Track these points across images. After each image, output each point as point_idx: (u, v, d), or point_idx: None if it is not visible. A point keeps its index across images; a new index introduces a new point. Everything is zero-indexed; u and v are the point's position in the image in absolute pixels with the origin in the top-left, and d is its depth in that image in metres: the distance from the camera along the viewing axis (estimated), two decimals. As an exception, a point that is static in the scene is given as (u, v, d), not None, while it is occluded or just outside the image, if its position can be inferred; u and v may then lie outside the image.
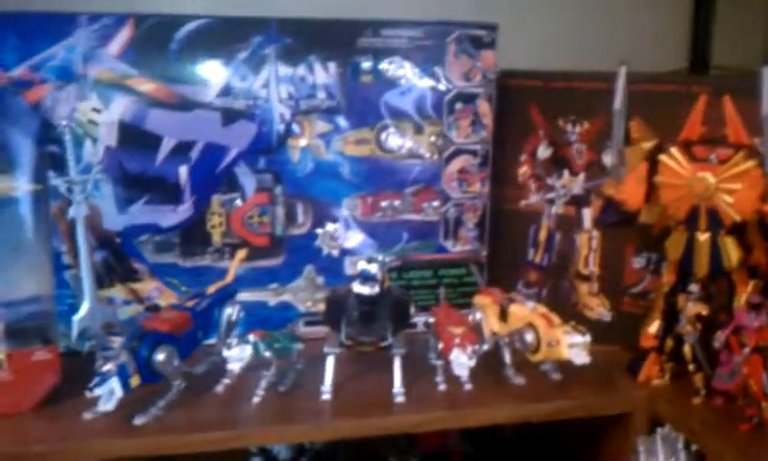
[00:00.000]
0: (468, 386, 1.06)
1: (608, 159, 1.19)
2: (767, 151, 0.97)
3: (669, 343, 1.10)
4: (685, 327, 1.07)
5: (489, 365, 1.10)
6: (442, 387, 1.08)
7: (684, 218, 1.04)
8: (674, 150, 1.04)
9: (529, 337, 1.07)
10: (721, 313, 1.05)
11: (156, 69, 1.14)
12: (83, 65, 1.12)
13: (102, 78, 1.13)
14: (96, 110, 1.13)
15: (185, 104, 1.16)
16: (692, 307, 1.06)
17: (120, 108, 1.14)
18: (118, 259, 1.18)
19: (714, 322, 1.05)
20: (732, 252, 1.03)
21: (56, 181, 1.08)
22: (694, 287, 1.06)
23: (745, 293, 1.03)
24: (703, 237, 1.04)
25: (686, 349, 1.07)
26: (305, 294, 1.25)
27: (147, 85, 1.14)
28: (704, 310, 1.06)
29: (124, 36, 1.12)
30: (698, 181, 1.02)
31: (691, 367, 1.07)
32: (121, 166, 1.15)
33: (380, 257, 1.07)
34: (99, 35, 1.12)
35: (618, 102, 1.06)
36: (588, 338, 1.04)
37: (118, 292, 1.19)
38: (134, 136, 1.15)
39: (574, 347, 1.03)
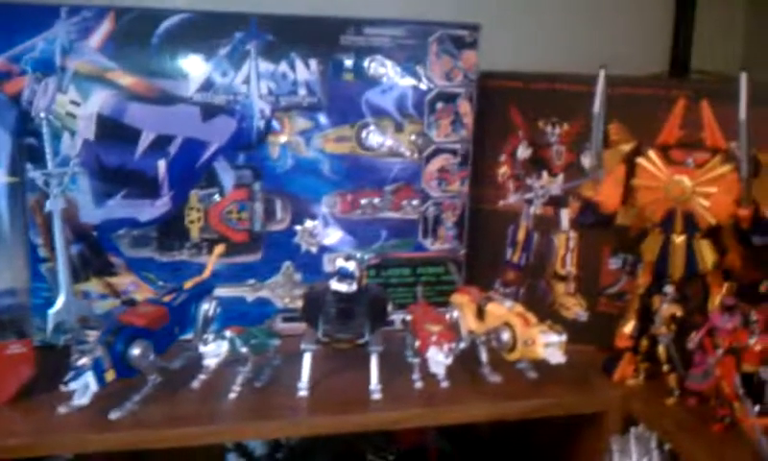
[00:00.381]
0: (444, 384, 1.07)
1: (586, 161, 1.20)
2: (743, 155, 0.98)
3: (644, 343, 1.11)
4: (660, 328, 1.08)
5: (465, 363, 1.10)
6: (418, 384, 1.08)
7: (661, 220, 1.05)
8: (651, 153, 1.05)
9: (505, 336, 1.07)
10: (696, 315, 1.06)
11: (137, 63, 1.14)
12: (62, 58, 1.11)
13: (81, 70, 1.12)
14: (75, 103, 1.12)
15: (165, 98, 1.15)
16: (667, 309, 1.07)
17: (99, 101, 1.13)
18: (95, 253, 1.17)
19: (689, 323, 1.06)
20: (707, 254, 1.04)
21: (33, 173, 1.08)
22: (669, 289, 1.07)
23: (719, 295, 1.04)
24: (678, 240, 1.05)
25: (661, 349, 1.08)
26: (283, 290, 1.25)
27: (127, 79, 1.13)
28: (678, 311, 1.07)
29: (104, 28, 1.12)
30: (675, 185, 1.03)
31: (665, 367, 1.08)
32: (99, 160, 1.15)
33: (358, 255, 1.08)
34: (79, 27, 1.11)
35: (597, 105, 1.06)
36: (563, 337, 1.05)
37: (94, 286, 1.18)
38: (113, 130, 1.14)
39: (550, 346, 1.04)
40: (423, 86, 1.25)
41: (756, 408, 0.94)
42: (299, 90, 1.20)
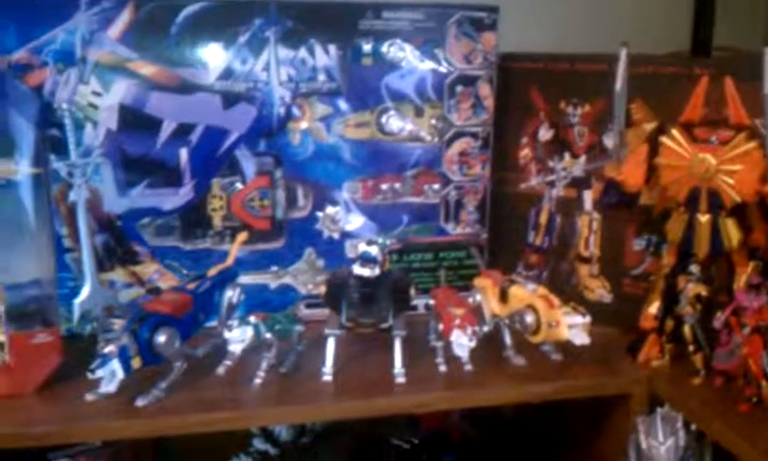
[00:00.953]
0: (468, 367, 1.07)
1: (609, 142, 1.19)
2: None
3: (669, 324, 1.11)
4: (685, 308, 1.07)
5: (489, 346, 1.11)
6: (442, 368, 1.08)
7: (685, 200, 1.05)
8: (675, 131, 1.04)
9: (529, 318, 1.07)
10: (721, 294, 1.05)
11: (157, 52, 1.14)
12: (83, 49, 1.12)
13: (102, 61, 1.13)
14: (96, 94, 1.13)
15: (186, 87, 1.16)
16: (692, 288, 1.06)
17: (120, 91, 1.14)
18: (119, 242, 1.18)
19: (714, 302, 1.05)
20: (732, 233, 1.03)
21: (56, 164, 1.09)
22: (694, 268, 1.06)
23: (745, 274, 1.03)
24: (703, 219, 1.04)
25: (686, 329, 1.08)
26: (306, 277, 1.25)
27: (147, 69, 1.14)
28: (704, 291, 1.06)
29: (124, 19, 1.12)
30: (699, 163, 1.02)
31: (691, 347, 1.08)
32: (121, 149, 1.15)
33: (380, 240, 1.08)
34: (99, 18, 1.12)
35: (619, 84, 1.06)
36: (587, 319, 1.04)
37: (119, 275, 1.19)
38: (135, 120, 1.15)
39: (574, 328, 1.03)
40: (443, 70, 1.24)
41: (784, 387, 0.94)
42: (318, 76, 1.20)
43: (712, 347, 1.04)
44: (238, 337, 1.02)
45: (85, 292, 1.11)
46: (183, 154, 1.17)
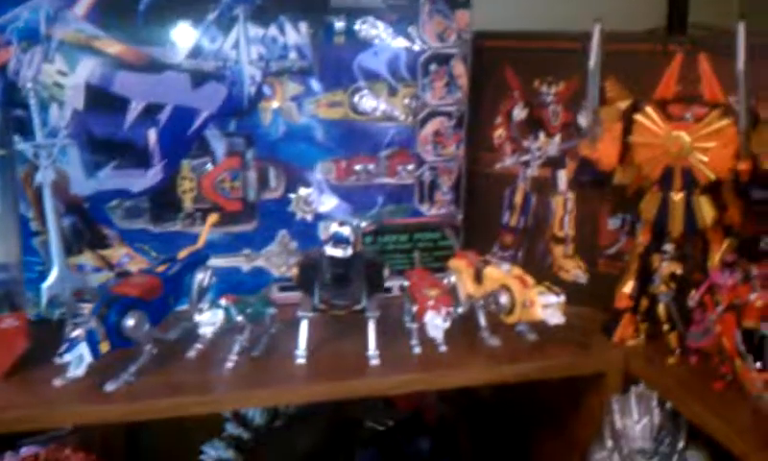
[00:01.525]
0: (442, 348, 1.06)
1: (584, 121, 1.18)
2: (742, 108, 0.96)
3: (644, 303, 1.11)
4: (660, 287, 1.07)
5: (464, 327, 1.10)
6: (417, 350, 1.07)
7: (659, 178, 1.04)
8: (649, 109, 1.04)
9: (503, 299, 1.06)
10: (695, 272, 1.05)
11: (124, 30, 1.12)
12: (48, 27, 1.09)
13: (67, 39, 1.10)
14: (62, 73, 1.11)
15: (154, 66, 1.13)
16: (667, 267, 1.06)
17: (87, 70, 1.11)
18: (87, 225, 1.16)
19: (689, 281, 1.05)
20: (706, 211, 1.02)
21: (22, 145, 1.06)
22: (669, 247, 1.06)
23: (719, 252, 1.03)
24: (677, 197, 1.03)
25: (661, 308, 1.08)
26: (279, 259, 1.24)
27: (114, 47, 1.11)
28: (678, 270, 1.06)
29: (90, -5, 1.10)
30: (673, 140, 1.01)
31: (666, 326, 1.08)
32: (88, 130, 1.13)
33: (354, 221, 1.07)
34: (64, -5, 1.09)
35: (593, 61, 1.04)
36: (562, 298, 1.03)
37: (88, 259, 1.17)
38: (102, 99, 1.12)
39: (548, 307, 1.03)
40: (416, 48, 1.23)
41: (758, 364, 0.93)
42: (289, 54, 1.18)
43: (687, 325, 1.03)
44: (209, 320, 1.01)
45: (53, 276, 1.09)
46: (152, 134, 1.15)
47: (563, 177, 1.26)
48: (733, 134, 0.98)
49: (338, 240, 1.01)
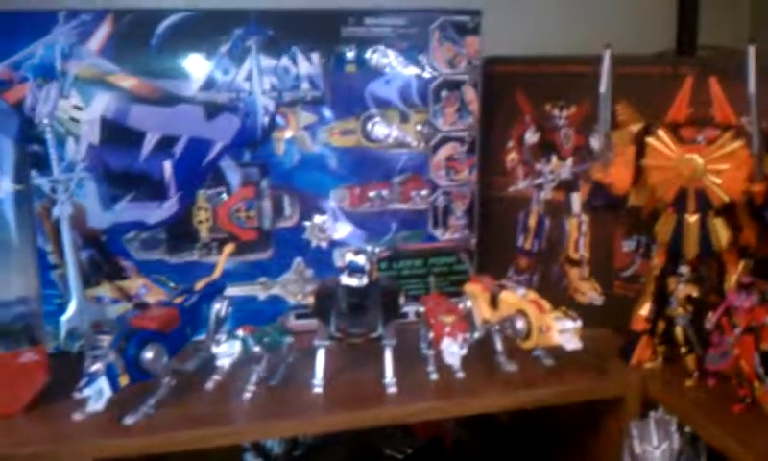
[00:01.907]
0: (459, 374, 1.06)
1: (596, 143, 1.18)
2: (754, 130, 0.96)
3: (661, 325, 1.10)
4: (676, 310, 1.07)
5: (481, 353, 1.10)
6: (433, 376, 1.07)
7: (673, 200, 1.04)
8: (661, 132, 1.04)
9: (520, 324, 1.06)
10: (712, 294, 1.05)
11: (138, 64, 1.13)
12: (63, 63, 1.11)
13: (82, 75, 1.12)
14: (77, 108, 1.12)
15: (168, 98, 1.15)
16: (683, 289, 1.06)
17: (102, 104, 1.13)
18: (105, 257, 1.17)
19: (705, 303, 1.05)
20: (721, 233, 1.02)
21: (39, 180, 1.07)
22: (684, 269, 1.06)
23: (735, 274, 1.03)
24: (692, 219, 1.03)
25: (678, 331, 1.07)
26: (295, 287, 1.24)
27: (128, 81, 1.13)
28: (694, 292, 1.06)
29: (104, 31, 1.11)
30: (686, 163, 1.01)
31: (683, 349, 1.07)
32: (104, 163, 1.14)
33: (368, 248, 1.07)
34: (78, 31, 1.11)
35: (604, 85, 1.05)
36: (578, 323, 1.03)
37: (106, 290, 1.18)
38: (117, 133, 1.14)
39: (565, 332, 1.03)
40: (427, 75, 1.24)
41: (777, 387, 0.93)
42: (301, 85, 1.19)
43: (705, 348, 1.03)
44: (226, 351, 1.01)
45: (72, 309, 1.09)
46: (167, 166, 1.16)
47: (576, 199, 1.27)
48: (746, 157, 0.98)
49: (353, 269, 1.01)
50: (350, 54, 1.20)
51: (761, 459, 0.89)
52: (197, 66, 1.15)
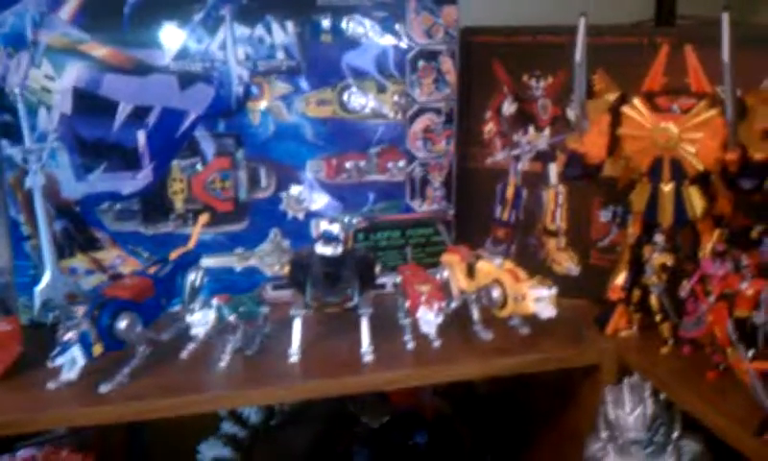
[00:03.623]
0: (436, 343, 1.06)
1: (572, 114, 1.18)
2: (728, 98, 0.96)
3: (636, 294, 1.11)
4: (651, 278, 1.07)
5: (458, 322, 1.10)
6: (410, 345, 1.07)
7: (648, 169, 1.04)
8: (636, 101, 1.04)
9: (496, 293, 1.07)
10: (687, 263, 1.05)
11: (110, 33, 1.11)
12: (33, 31, 1.09)
13: (54, 44, 1.10)
14: (49, 77, 1.11)
15: (141, 68, 1.13)
16: (658, 258, 1.06)
17: (74, 74, 1.11)
18: (78, 229, 1.16)
19: (680, 271, 1.05)
20: (696, 201, 1.02)
21: (10, 150, 1.07)
22: (659, 238, 1.06)
23: (710, 242, 1.03)
24: (667, 188, 1.03)
25: (653, 299, 1.08)
26: (272, 258, 1.24)
27: (101, 50, 1.11)
28: (669, 260, 1.06)
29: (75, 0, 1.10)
30: (661, 132, 1.01)
31: (658, 317, 1.08)
32: (77, 134, 1.13)
33: (345, 219, 1.06)
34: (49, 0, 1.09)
35: (579, 54, 1.04)
36: (553, 291, 1.04)
37: (80, 262, 1.17)
38: (90, 103, 1.12)
39: (540, 300, 1.03)
40: (404, 45, 1.23)
41: (750, 353, 0.93)
42: (276, 54, 1.18)
43: (680, 315, 1.03)
44: (200, 320, 1.01)
45: (46, 280, 1.09)
46: (141, 136, 1.15)
47: (553, 170, 1.27)
48: (721, 125, 0.98)
49: (327, 238, 1.01)
50: (326, 23, 1.19)
51: (734, 424, 0.90)
52: (170, 35, 1.14)
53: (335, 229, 1.01)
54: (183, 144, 1.17)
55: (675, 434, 1.01)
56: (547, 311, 1.04)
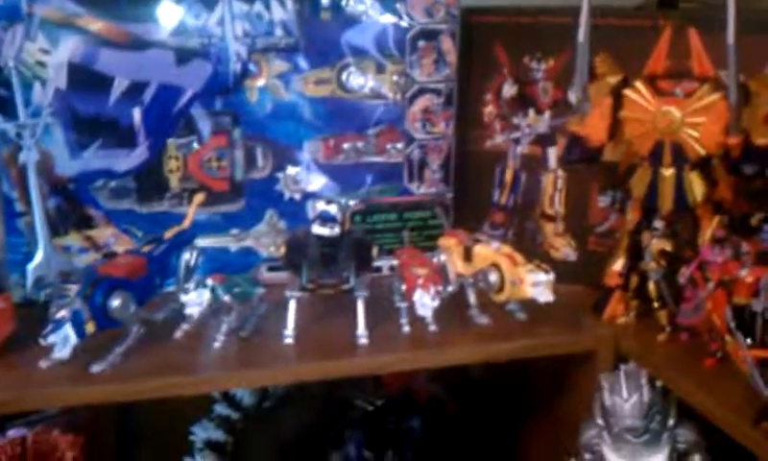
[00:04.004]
0: (432, 327, 1.05)
1: (573, 96, 1.17)
2: (732, 82, 0.95)
3: (634, 280, 1.10)
4: (650, 264, 1.06)
5: (454, 306, 1.09)
6: (406, 329, 1.06)
7: (649, 154, 1.03)
8: (639, 84, 1.03)
9: (493, 277, 1.06)
10: (686, 249, 1.05)
11: (106, 7, 1.10)
12: (28, 4, 1.07)
13: (49, 17, 1.08)
14: (44, 51, 1.09)
15: (137, 43, 1.12)
16: (657, 244, 1.06)
17: (69, 48, 1.09)
18: (72, 206, 1.15)
19: (679, 258, 1.04)
20: (696, 187, 1.02)
21: (4, 125, 1.05)
22: (659, 224, 1.06)
23: (710, 228, 1.02)
24: (667, 173, 1.03)
25: (651, 286, 1.07)
26: (267, 239, 1.23)
27: (97, 24, 1.10)
28: (668, 246, 1.05)
29: (71, -28, 1.08)
30: (663, 116, 1.00)
31: (656, 304, 1.07)
32: (72, 109, 1.11)
33: (342, 200, 1.06)
34: (45, -28, 1.07)
35: (581, 35, 1.03)
36: (551, 276, 1.03)
37: (74, 239, 1.16)
38: (85, 78, 1.11)
39: (538, 285, 1.02)
40: (404, 24, 1.21)
41: (748, 341, 0.93)
42: (275, 31, 1.16)
43: (678, 302, 1.03)
44: (195, 300, 1.00)
45: (39, 257, 1.08)
46: (136, 113, 1.14)
47: (553, 154, 1.26)
48: (724, 110, 0.97)
49: (325, 219, 1.00)
50: (325, 0, 1.17)
51: (731, 413, 0.89)
52: (167, 10, 1.12)
53: (332, 209, 1.00)
54: (180, 122, 1.16)
55: (671, 422, 1.00)
56: (545, 296, 1.03)
